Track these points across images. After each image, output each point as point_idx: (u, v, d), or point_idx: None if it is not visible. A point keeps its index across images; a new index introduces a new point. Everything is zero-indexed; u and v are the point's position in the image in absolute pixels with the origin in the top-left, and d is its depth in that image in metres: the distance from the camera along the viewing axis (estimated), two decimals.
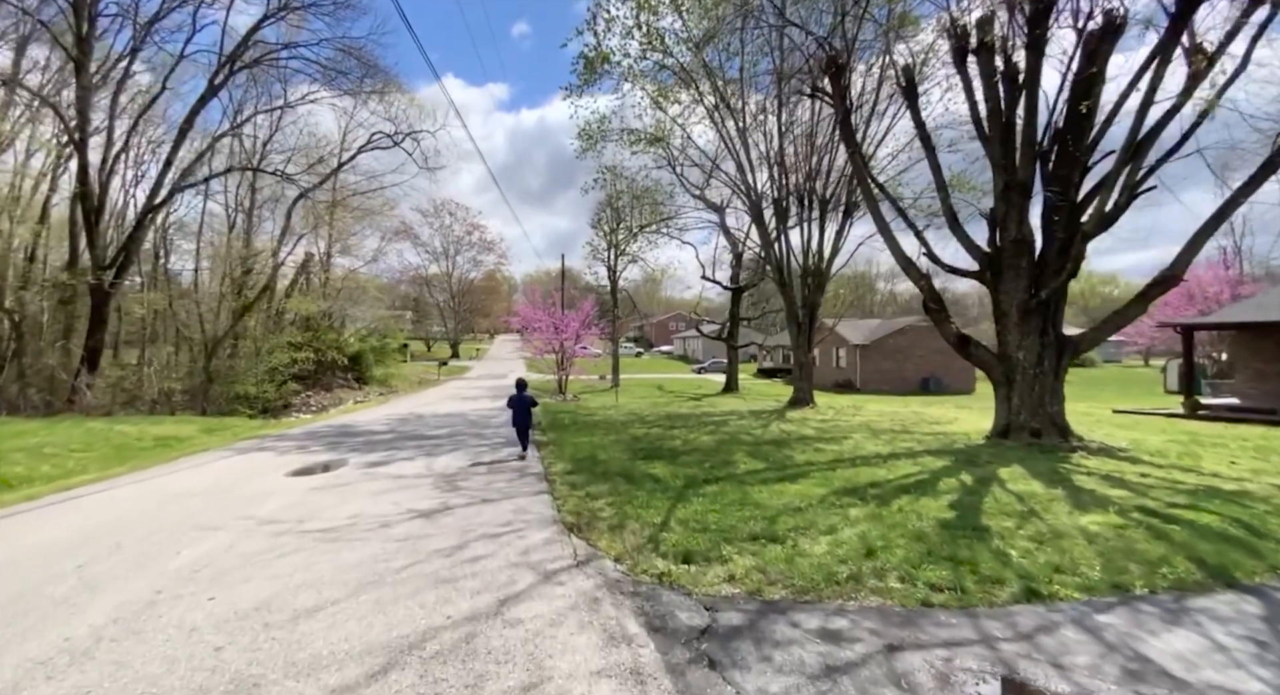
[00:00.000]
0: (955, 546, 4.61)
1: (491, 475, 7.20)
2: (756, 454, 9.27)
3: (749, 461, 8.67)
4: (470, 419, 15.12)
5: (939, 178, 10.80)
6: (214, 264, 30.76)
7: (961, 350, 10.30)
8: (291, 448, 9.82)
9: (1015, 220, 9.79)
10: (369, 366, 30.65)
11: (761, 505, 5.98)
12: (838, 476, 7.44)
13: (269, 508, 5.56)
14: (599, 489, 6.72)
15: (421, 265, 66.99)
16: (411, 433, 12.00)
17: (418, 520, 5.09)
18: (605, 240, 35.13)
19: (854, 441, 10.52)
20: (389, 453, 9.15)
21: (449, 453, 9.15)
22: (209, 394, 23.38)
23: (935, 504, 5.95)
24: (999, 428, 10.11)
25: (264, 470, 7.79)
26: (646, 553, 4.49)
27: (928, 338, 37.90)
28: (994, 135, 9.92)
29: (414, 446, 9.83)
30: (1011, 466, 8.03)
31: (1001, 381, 10.05)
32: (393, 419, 15.33)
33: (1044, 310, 9.80)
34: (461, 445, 10.00)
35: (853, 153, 10.85)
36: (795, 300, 18.82)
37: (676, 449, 9.76)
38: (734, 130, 18.41)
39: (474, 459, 8.51)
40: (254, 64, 24.14)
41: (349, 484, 6.67)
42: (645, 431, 12.20)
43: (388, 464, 8.05)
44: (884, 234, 10.73)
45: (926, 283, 10.45)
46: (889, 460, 8.59)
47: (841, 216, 18.57)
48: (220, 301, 26.25)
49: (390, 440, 10.79)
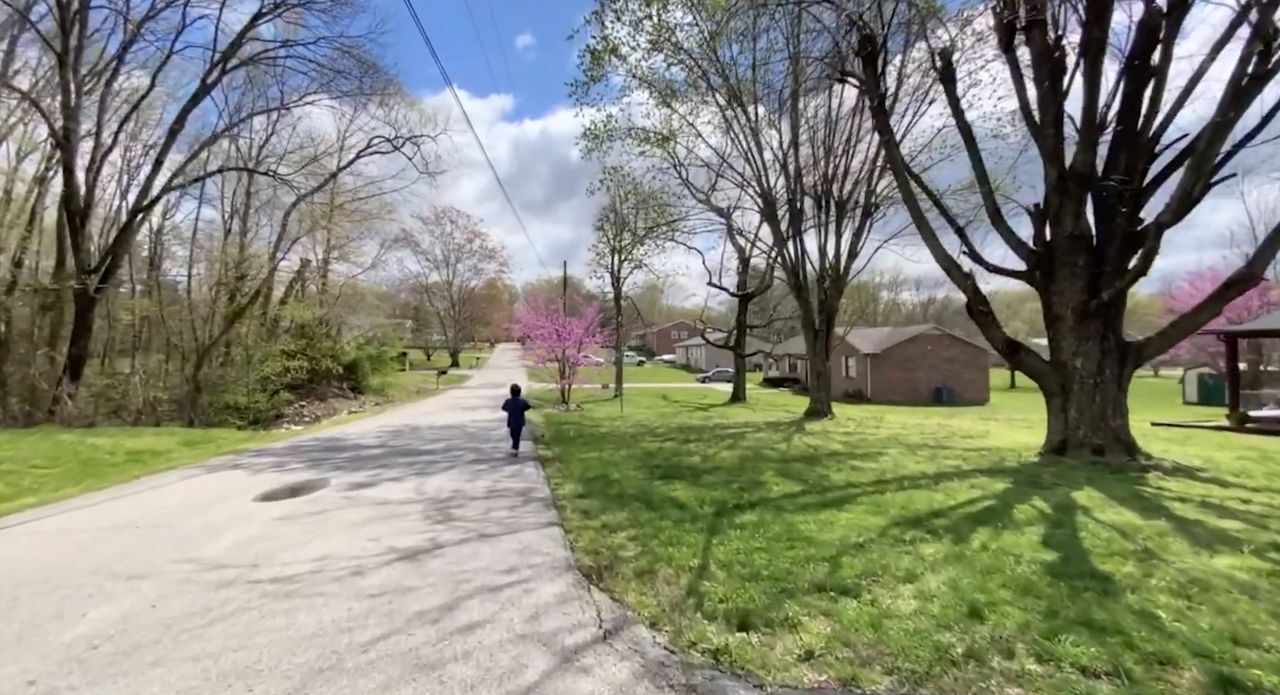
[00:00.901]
0: (1082, 604, 3.62)
1: (491, 500, 6.21)
2: (788, 473, 8.28)
3: (781, 482, 7.68)
4: (469, 431, 14.12)
5: (980, 169, 9.90)
6: (207, 269, 29.92)
7: (1011, 357, 9.33)
8: (268, 465, 8.83)
9: (1071, 214, 8.87)
10: (365, 375, 29.69)
11: (814, 541, 4.99)
12: (890, 502, 6.44)
13: (221, 545, 4.57)
14: (616, 518, 5.73)
15: (422, 273, 66.32)
16: (404, 447, 11.01)
17: (399, 564, 4.10)
18: (609, 245, 34.32)
19: (891, 458, 9.52)
20: (376, 471, 8.15)
21: (443, 471, 8.16)
22: (197, 404, 22.40)
23: (1023, 540, 4.96)
24: (1054, 443, 9.11)
25: (231, 493, 6.81)
26: (689, 612, 3.50)
27: (939, 347, 36.99)
28: (1047, 121, 9.03)
29: (405, 464, 8.83)
30: (1084, 489, 7.04)
31: (1056, 392, 9.07)
32: (386, 431, 14.34)
33: (1104, 314, 8.84)
34: (457, 462, 9.01)
35: (887, 142, 9.97)
36: (812, 306, 17.88)
37: (697, 467, 8.77)
38: (746, 127, 17.58)
39: (471, 479, 7.52)
40: (249, 62, 23.43)
41: (324, 512, 5.68)
42: (658, 446, 11.20)
43: (373, 486, 7.06)
44: (923, 231, 9.81)
45: (971, 284, 9.50)
46: (940, 481, 7.60)
47: (860, 218, 17.67)
48: (211, 308, 25.32)
49: (380, 456, 9.80)
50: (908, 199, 9.91)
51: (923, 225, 9.82)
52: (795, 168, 17.46)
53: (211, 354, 24.42)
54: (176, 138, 23.68)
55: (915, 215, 9.83)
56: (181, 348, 27.12)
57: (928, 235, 9.80)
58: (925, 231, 9.80)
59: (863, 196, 17.56)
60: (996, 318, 9.59)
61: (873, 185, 17.29)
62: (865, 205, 17.63)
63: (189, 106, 23.23)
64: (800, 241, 18.17)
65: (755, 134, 17.75)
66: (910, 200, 9.90)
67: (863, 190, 17.62)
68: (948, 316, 76.41)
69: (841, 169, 17.46)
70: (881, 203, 17.86)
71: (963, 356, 36.62)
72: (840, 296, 18.35)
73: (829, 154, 17.13)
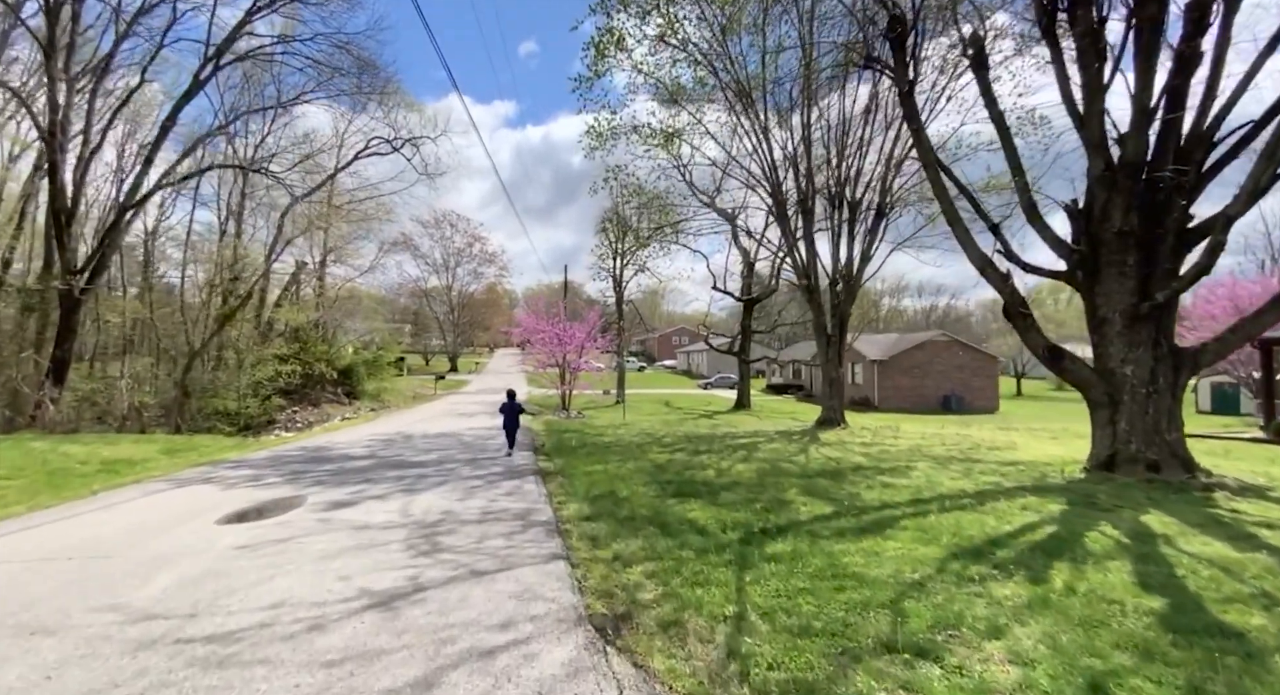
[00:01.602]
0: (1227, 674, 2.87)
1: (485, 524, 5.44)
2: (814, 491, 7.52)
3: (809, 501, 6.92)
4: (464, 440, 13.35)
5: (1015, 161, 9.20)
6: (199, 270, 29.24)
7: (1053, 364, 8.59)
8: (243, 479, 8.06)
9: (1120, 208, 8.15)
10: (360, 380, 28.92)
11: (864, 579, 4.23)
12: (937, 527, 5.68)
13: (159, 586, 3.81)
14: (629, 547, 4.97)
15: (421, 277, 65.65)
16: (394, 458, 10.24)
17: (371, 614, 3.33)
18: (611, 249, 33.69)
19: (922, 473, 8.76)
20: (360, 487, 7.39)
21: (434, 487, 7.39)
22: (184, 409, 21.62)
23: (1113, 579, 4.21)
24: (1100, 458, 8.36)
25: (193, 513, 6.04)
26: (734, 685, 2.75)
27: (947, 353, 36.26)
28: (1093, 109, 8.34)
29: (393, 478, 8.07)
30: (1152, 513, 6.29)
31: (1103, 403, 8.32)
32: (377, 439, 13.57)
33: (1156, 317, 8.12)
34: (451, 476, 8.24)
35: (916, 131, 9.28)
36: (824, 310, 17.17)
37: (712, 483, 8.01)
38: (756, 125, 16.93)
39: (464, 497, 6.76)
40: (243, 58, 22.83)
41: (292, 539, 4.92)
42: (667, 457, 10.44)
43: (354, 505, 6.30)
44: (956, 229, 9.10)
45: (1009, 285, 8.79)
46: (984, 501, 6.84)
47: (874, 219, 17.00)
48: (201, 310, 24.60)
49: (367, 468, 9.03)
50: (939, 194, 9.20)
51: (956, 222, 9.11)
52: (807, 166, 16.80)
53: (201, 358, 23.67)
54: (168, 135, 23.04)
55: (948, 211, 9.12)
56: (172, 351, 26.40)
57: (961, 233, 9.09)
58: (959, 229, 9.09)
59: (877, 196, 16.89)
60: (1036, 321, 8.85)
61: (888, 183, 16.62)
62: (879, 206, 16.96)
63: (181, 103, 22.59)
64: (811, 243, 17.49)
65: (765, 132, 17.09)
66: (942, 195, 9.20)
67: (877, 190, 16.96)
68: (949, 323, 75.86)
69: (854, 169, 16.81)
70: (896, 203, 17.18)
71: (972, 364, 35.89)
72: (853, 301, 17.63)
73: (842, 152, 16.47)
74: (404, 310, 69.51)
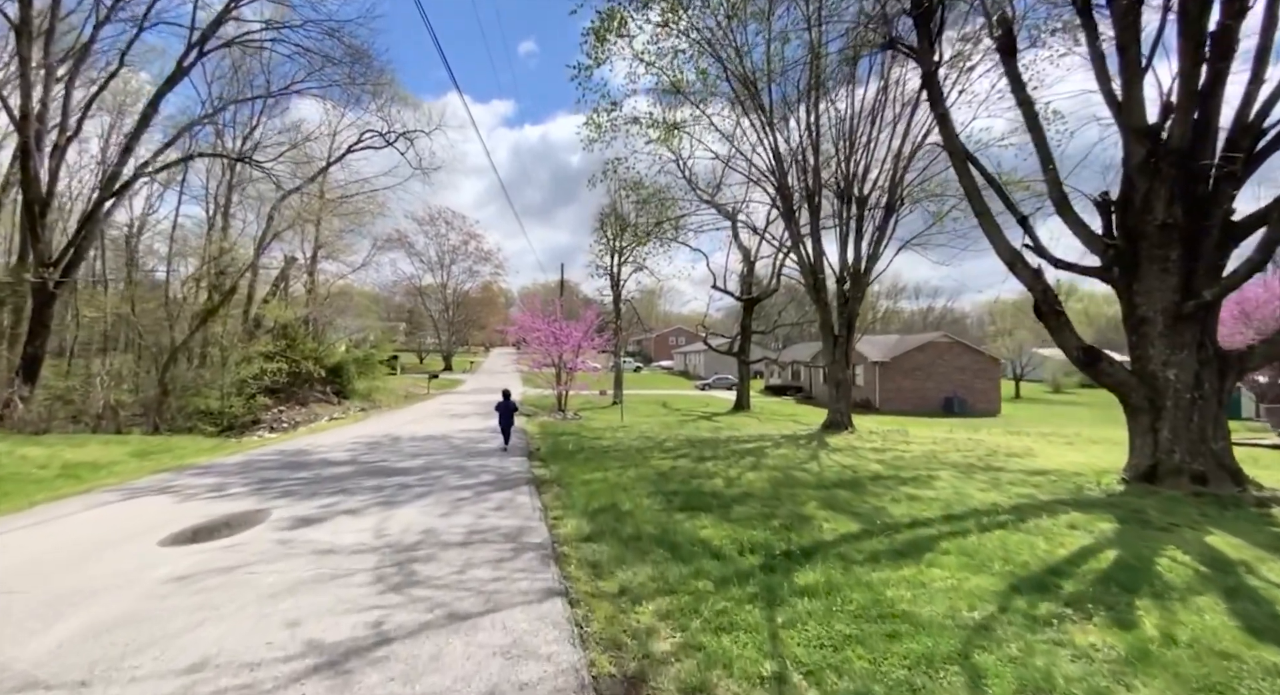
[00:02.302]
0: None
1: (471, 548, 4.73)
2: (834, 504, 6.86)
3: (831, 517, 6.26)
4: (454, 443, 12.62)
5: (1045, 151, 8.57)
6: (184, 265, 28.33)
7: (1089, 367, 7.96)
8: (205, 489, 7.33)
9: (1163, 199, 7.54)
10: (350, 379, 28.08)
11: (917, 620, 3.57)
12: (983, 551, 5.04)
13: (59, 634, 3.08)
14: (638, 577, 4.29)
15: (415, 275, 64.70)
16: (377, 464, 9.50)
17: (315, 684, 2.61)
18: (608, 246, 32.98)
19: (947, 484, 8.12)
20: (334, 499, 6.66)
21: (416, 499, 6.68)
22: (164, 408, 20.76)
23: (1211, 622, 3.56)
24: (1140, 468, 7.74)
25: (136, 531, 5.31)
26: None
27: (949, 355, 35.73)
28: (1133, 93, 7.72)
29: (372, 488, 7.34)
30: (1213, 533, 5.67)
31: (1143, 408, 7.70)
32: (362, 442, 12.83)
33: (1201, 317, 7.51)
34: (436, 486, 7.52)
35: (942, 116, 8.66)
36: (831, 310, 16.54)
37: (722, 494, 7.33)
38: (761, 117, 16.28)
39: (449, 511, 6.05)
40: (230, 44, 22.00)
41: (240, 568, 4.21)
42: (671, 464, 9.76)
43: (322, 521, 5.58)
44: (984, 221, 8.46)
45: (1041, 282, 8.16)
46: (1025, 517, 6.20)
47: (883, 215, 16.38)
48: (182, 305, 23.74)
49: (345, 476, 8.29)
50: (966, 183, 8.57)
51: (983, 214, 8.47)
52: (815, 160, 16.16)
53: (181, 354, 22.81)
54: (149, 123, 22.16)
55: (975, 203, 8.49)
56: (154, 348, 25.51)
57: (989, 225, 8.46)
58: (986, 222, 8.46)
59: (886, 192, 16.27)
60: (1070, 320, 8.23)
61: (897, 177, 15.99)
62: (889, 202, 16.34)
63: (164, 89, 21.75)
64: (818, 241, 16.85)
65: (770, 125, 16.44)
66: (969, 185, 8.56)
67: (886, 185, 16.34)
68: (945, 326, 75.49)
69: (863, 163, 16.19)
70: (907, 199, 16.56)
71: (974, 366, 35.37)
72: (861, 300, 17.01)
73: (851, 145, 15.83)
74: (398, 308, 68.57)
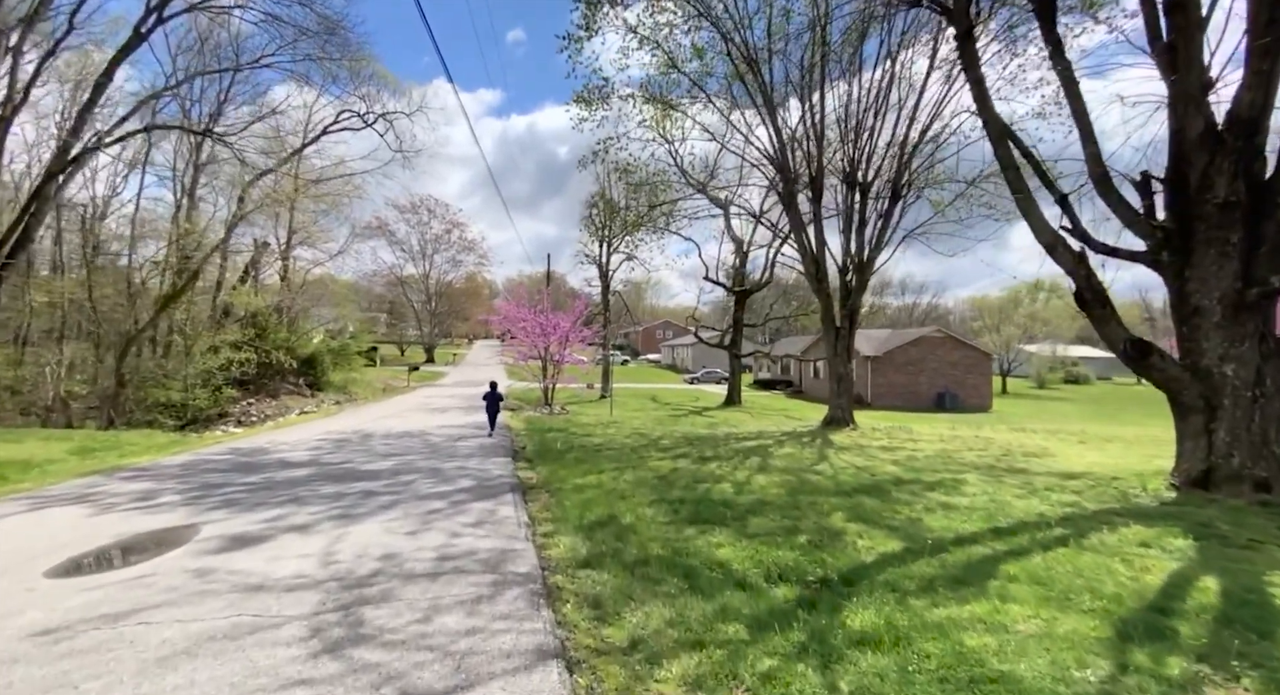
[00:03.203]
0: None
1: (439, 582, 3.74)
2: (861, 514, 6.03)
3: (864, 531, 5.43)
4: (432, 441, 11.59)
5: (1085, 123, 7.77)
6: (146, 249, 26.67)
7: (1138, 362, 7.20)
8: (132, 497, 6.27)
9: (1226, 175, 6.78)
10: (325, 371, 26.77)
11: (1021, 687, 2.72)
12: (1055, 577, 4.25)
13: None
14: (651, 622, 3.39)
15: (396, 264, 62.87)
16: (341, 466, 8.46)
17: None
18: (597, 236, 31.93)
19: (978, 490, 7.34)
20: (282, 510, 5.66)
21: (380, 512, 5.68)
22: (119, 400, 19.38)
23: None
24: (1192, 473, 7.03)
25: (26, 555, 4.28)
26: None
27: (941, 350, 35.35)
28: (1190, 53, 6.92)
29: (330, 496, 6.33)
30: None
31: (1196, 407, 6.97)
32: (330, 439, 11.75)
33: (1262, 307, 6.77)
34: (405, 494, 6.52)
35: (976, 82, 7.80)
36: (833, 301, 15.76)
37: (734, 502, 6.47)
38: (763, 96, 15.37)
39: (418, 528, 5.08)
40: (192, 9, 20.47)
41: (135, 613, 3.21)
42: (671, 465, 8.87)
43: (261, 541, 4.58)
44: (1020, 199, 7.66)
45: (1083, 267, 7.38)
46: (1084, 531, 5.42)
47: (889, 202, 15.59)
48: (142, 290, 22.24)
49: (302, 480, 7.26)
50: (1002, 155, 7.74)
51: (1020, 191, 7.66)
52: (819, 141, 15.31)
53: (141, 343, 21.38)
54: (104, 92, 20.57)
55: (1012, 178, 7.67)
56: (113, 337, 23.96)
57: (1028, 205, 7.65)
58: (1025, 201, 7.64)
59: (893, 176, 15.47)
60: (1116, 311, 7.46)
61: (904, 160, 15.18)
62: (894, 188, 15.55)
63: (119, 57, 20.14)
64: (820, 228, 16.04)
65: (771, 105, 15.52)
66: (1006, 158, 7.73)
67: (893, 170, 15.55)
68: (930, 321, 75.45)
69: (871, 147, 15.37)
70: (914, 186, 15.79)
71: (966, 361, 35.02)
72: (864, 291, 16.25)
73: (859, 127, 14.99)
74: (379, 299, 66.69)
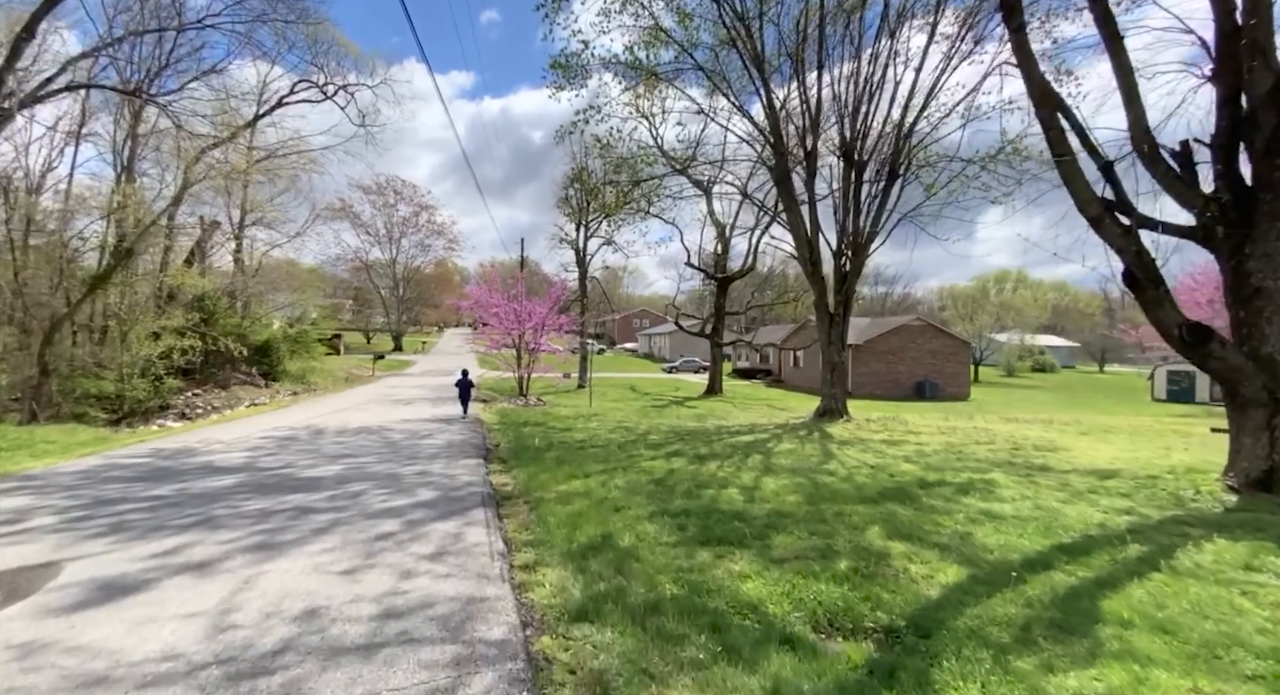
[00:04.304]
0: None
1: (374, 666, 2.48)
2: (897, 527, 5.12)
3: (911, 552, 4.53)
4: (392, 438, 10.32)
5: (1130, 83, 6.91)
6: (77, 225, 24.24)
7: (1194, 350, 6.42)
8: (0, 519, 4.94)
9: None
10: (281, 359, 24.94)
11: None
12: (1172, 616, 3.40)
13: None
14: None
15: (361, 248, 60.08)
16: (276, 472, 7.14)
17: None
18: (574, 217, 30.51)
19: (1014, 493, 6.52)
20: (183, 538, 4.40)
21: (312, 539, 4.43)
22: (42, 392, 17.44)
23: None
24: (1252, 473, 6.32)
25: None
26: None
27: (920, 338, 35.15)
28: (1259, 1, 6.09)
29: (252, 516, 5.07)
30: None
31: (1258, 400, 6.24)
32: (275, 437, 10.37)
33: None
34: (350, 511, 5.29)
35: (1016, 30, 6.83)
36: (827, 286, 14.89)
37: (748, 513, 5.48)
38: (756, 61, 14.28)
39: (357, 565, 3.86)
40: None
41: None
42: (666, 465, 7.84)
43: (135, 592, 3.34)
44: (1062, 163, 6.76)
45: (1135, 243, 6.54)
46: (1168, 551, 4.61)
47: (886, 182, 14.72)
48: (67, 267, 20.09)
49: (223, 493, 5.97)
50: (1044, 115, 6.81)
51: (1063, 155, 6.76)
52: (815, 112, 14.32)
53: (69, 327, 19.33)
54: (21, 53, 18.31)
55: (1055, 141, 6.77)
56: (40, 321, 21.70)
57: (1071, 171, 6.76)
58: (1068, 167, 6.75)
59: (892, 155, 14.58)
60: (1170, 295, 6.66)
61: (903, 131, 14.27)
62: (892, 167, 14.68)
63: (40, 12, 17.88)
64: (815, 207, 15.11)
65: (765, 75, 14.44)
66: (1048, 118, 6.81)
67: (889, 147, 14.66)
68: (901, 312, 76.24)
69: (870, 121, 14.44)
70: (913, 163, 14.94)
71: (945, 349, 34.90)
72: (859, 276, 15.41)
73: (860, 99, 14.02)
74: (345, 285, 63.81)
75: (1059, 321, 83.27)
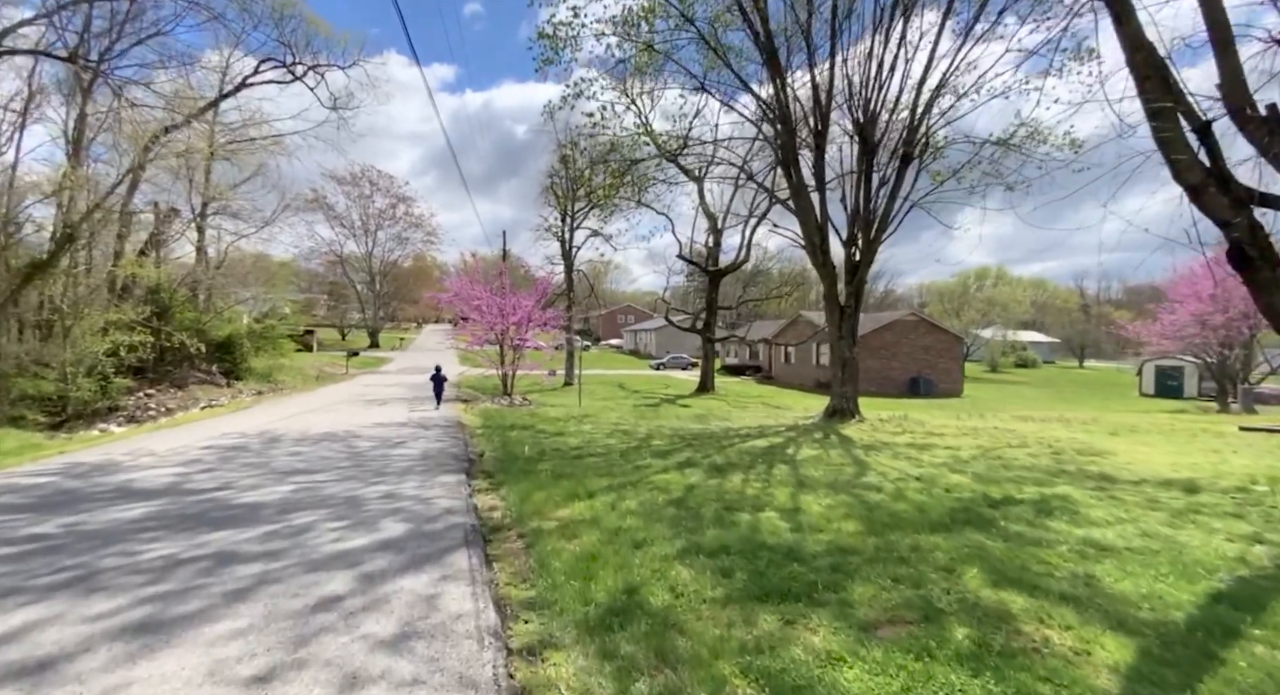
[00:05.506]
0: None
1: None
2: (1000, 570, 4.02)
3: (1039, 609, 3.43)
4: (358, 448, 8.97)
5: (1221, 20, 5.85)
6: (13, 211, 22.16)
7: None
8: None
9: None
10: (245, 357, 23.20)
11: None
12: None
13: None
14: None
15: (336, 241, 57.75)
16: (207, 498, 5.76)
17: None
18: (559, 207, 29.12)
19: (1108, 516, 5.49)
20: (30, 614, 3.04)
21: (221, 613, 3.03)
22: None
23: None
24: None
25: None
26: None
27: (914, 334, 34.52)
28: None
29: (150, 569, 3.68)
30: None
31: None
32: (219, 446, 8.94)
33: None
34: (287, 558, 3.94)
35: None
36: (837, 277, 13.84)
37: (803, 551, 4.33)
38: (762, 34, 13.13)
39: (279, 664, 2.55)
40: None
41: None
42: (681, 479, 6.66)
43: None
44: (1159, 120, 5.71)
45: (1246, 214, 5.51)
46: None
47: (900, 165, 13.71)
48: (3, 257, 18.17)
49: (122, 531, 4.61)
50: (1139, 59, 5.76)
51: (1162, 112, 5.69)
52: (829, 86, 13.22)
53: (2, 321, 17.44)
54: None
55: (1150, 88, 5.71)
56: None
57: (1169, 129, 5.70)
58: (1166, 122, 5.68)
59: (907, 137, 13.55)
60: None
61: (916, 124, 13.25)
62: (907, 149, 13.66)
63: None
64: (824, 193, 14.05)
65: (772, 43, 13.29)
66: (1142, 62, 5.75)
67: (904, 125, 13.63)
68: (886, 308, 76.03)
69: (884, 97, 13.38)
70: (930, 145, 13.93)
71: (939, 345, 34.32)
72: (870, 266, 14.38)
73: (878, 71, 12.93)
74: (319, 279, 61.37)
75: (1039, 317, 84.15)
